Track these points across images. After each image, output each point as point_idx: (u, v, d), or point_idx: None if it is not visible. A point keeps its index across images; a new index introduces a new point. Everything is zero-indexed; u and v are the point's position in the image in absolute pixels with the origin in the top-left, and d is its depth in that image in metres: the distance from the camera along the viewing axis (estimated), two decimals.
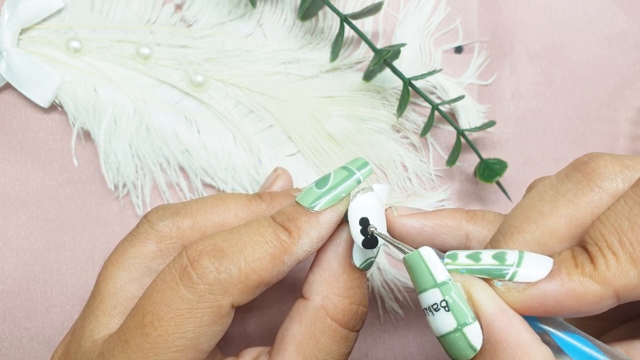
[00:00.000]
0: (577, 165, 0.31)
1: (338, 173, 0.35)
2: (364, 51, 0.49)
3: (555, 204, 0.30)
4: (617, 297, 0.27)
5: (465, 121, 0.49)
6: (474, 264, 0.29)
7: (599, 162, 0.30)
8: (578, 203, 0.30)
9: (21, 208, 0.48)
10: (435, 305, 0.29)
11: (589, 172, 0.30)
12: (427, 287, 0.29)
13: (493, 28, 0.50)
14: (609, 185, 0.29)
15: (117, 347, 0.32)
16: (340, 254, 0.35)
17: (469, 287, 0.28)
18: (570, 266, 0.28)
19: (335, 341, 0.34)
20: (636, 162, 0.30)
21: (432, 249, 0.29)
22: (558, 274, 0.28)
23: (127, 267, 0.36)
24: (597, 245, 0.28)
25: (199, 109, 0.49)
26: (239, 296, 0.32)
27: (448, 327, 0.28)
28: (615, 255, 0.27)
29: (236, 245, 0.33)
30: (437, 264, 0.29)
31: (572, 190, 0.30)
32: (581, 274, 0.27)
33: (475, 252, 0.30)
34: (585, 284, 0.27)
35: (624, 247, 0.27)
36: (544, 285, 0.28)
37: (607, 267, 0.27)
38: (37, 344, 0.48)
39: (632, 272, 0.27)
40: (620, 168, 0.30)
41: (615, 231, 0.28)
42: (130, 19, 0.48)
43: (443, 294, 0.28)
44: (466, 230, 0.35)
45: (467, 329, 0.28)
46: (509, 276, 0.28)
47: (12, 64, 0.46)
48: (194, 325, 0.31)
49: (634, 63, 0.51)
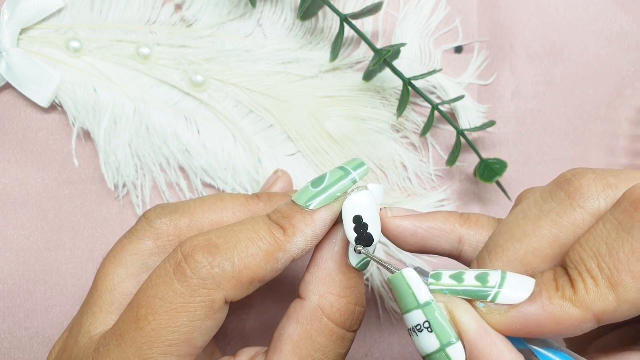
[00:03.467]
0: (561, 183, 0.31)
1: (334, 173, 0.35)
2: (364, 51, 0.49)
3: (539, 223, 0.30)
4: (596, 320, 0.28)
5: (465, 121, 0.49)
6: (457, 285, 0.30)
7: (582, 181, 0.30)
8: (561, 223, 0.30)
9: (21, 208, 0.49)
10: (418, 326, 0.29)
11: (572, 191, 0.30)
12: (411, 308, 0.30)
13: (493, 28, 0.50)
14: (591, 205, 0.30)
15: (112, 342, 0.32)
16: (336, 254, 0.35)
17: (452, 308, 0.29)
18: (552, 289, 0.28)
19: (332, 341, 0.34)
20: (620, 180, 0.30)
21: (414, 270, 0.30)
22: (539, 297, 0.28)
23: (125, 264, 0.36)
24: (577, 269, 0.28)
25: (199, 109, 0.49)
26: (233, 292, 0.32)
27: (432, 347, 0.29)
28: (594, 280, 0.28)
29: (230, 241, 0.33)
30: (419, 286, 0.30)
31: (555, 210, 0.30)
32: (561, 298, 0.28)
33: (458, 272, 0.30)
34: (565, 308, 0.28)
35: (602, 272, 0.27)
36: (526, 308, 0.28)
37: (586, 292, 0.28)
38: (37, 344, 0.49)
39: (611, 297, 0.27)
40: (603, 187, 0.30)
41: (594, 256, 0.28)
42: (130, 19, 0.48)
43: (426, 315, 0.29)
44: (460, 234, 0.35)
45: (450, 350, 0.29)
46: (491, 297, 0.29)
47: (12, 64, 0.46)
48: (187, 320, 0.32)
49: (634, 63, 0.51)
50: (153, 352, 0.32)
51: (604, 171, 0.31)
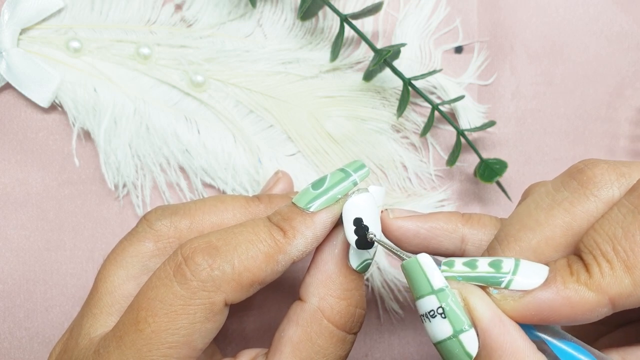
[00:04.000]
0: (573, 173, 0.31)
1: (334, 175, 0.35)
2: (364, 51, 0.49)
3: (552, 212, 0.30)
4: (612, 305, 0.27)
5: (465, 121, 0.49)
6: (471, 272, 0.29)
7: (595, 171, 0.30)
8: (574, 212, 0.30)
9: (21, 208, 0.49)
10: (432, 312, 0.29)
11: (585, 180, 0.30)
12: (424, 293, 0.29)
13: (493, 28, 0.50)
14: (604, 194, 0.29)
15: (111, 344, 0.32)
16: (336, 256, 0.35)
17: (466, 295, 0.29)
18: (566, 274, 0.28)
19: (332, 343, 0.34)
20: (632, 170, 0.30)
21: (429, 256, 0.30)
22: (553, 282, 0.28)
23: (125, 266, 0.36)
24: (592, 253, 0.28)
25: (199, 109, 0.49)
26: (232, 294, 0.32)
27: (444, 333, 0.29)
28: (609, 263, 0.27)
29: (230, 243, 0.33)
30: (434, 271, 0.29)
31: (568, 199, 0.30)
32: (576, 282, 0.28)
33: (471, 259, 0.30)
34: (581, 292, 0.27)
35: (618, 255, 0.27)
36: (540, 293, 0.28)
37: (601, 275, 0.27)
38: (37, 344, 0.49)
39: (627, 280, 0.27)
40: (616, 176, 0.30)
41: (609, 239, 0.28)
42: (130, 19, 0.48)
43: (440, 300, 0.29)
44: (462, 233, 0.35)
45: (463, 336, 0.28)
46: (504, 284, 0.29)
47: (12, 64, 0.46)
48: (187, 322, 0.32)
49: (634, 63, 0.51)
50: (152, 355, 0.32)
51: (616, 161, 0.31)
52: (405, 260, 0.30)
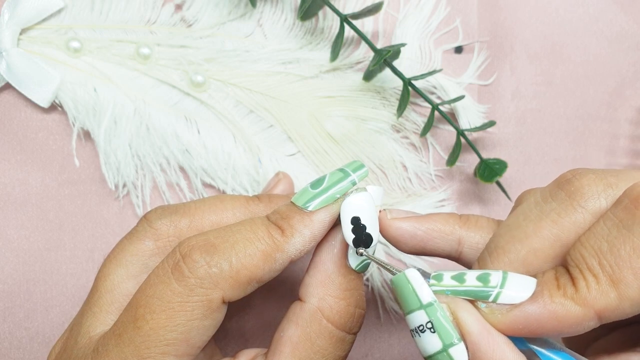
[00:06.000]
0: (561, 183, 0.31)
1: (333, 175, 0.35)
2: (364, 51, 0.49)
3: (540, 224, 0.30)
4: (598, 318, 0.28)
5: (465, 121, 0.49)
6: (459, 285, 0.30)
7: (582, 181, 0.30)
8: (562, 224, 0.30)
9: (21, 208, 0.49)
10: (421, 327, 0.29)
11: (573, 191, 0.30)
12: (413, 308, 0.30)
13: (493, 28, 0.50)
14: (592, 205, 0.30)
15: (110, 342, 0.33)
16: (335, 256, 0.35)
17: (454, 308, 0.29)
18: (553, 288, 0.28)
19: (331, 344, 0.34)
20: (620, 179, 0.30)
21: (417, 271, 0.30)
22: (541, 296, 0.28)
23: (125, 265, 0.36)
24: (579, 267, 0.28)
25: (199, 109, 0.49)
26: (230, 291, 0.32)
27: (434, 348, 0.29)
28: (595, 277, 0.28)
29: (228, 241, 0.33)
30: (422, 286, 0.30)
31: (556, 210, 0.30)
32: (563, 297, 0.28)
33: (460, 272, 0.30)
34: (567, 306, 0.28)
35: (603, 269, 0.27)
36: (527, 307, 0.28)
37: (588, 290, 0.27)
38: (37, 344, 0.49)
39: (612, 294, 0.27)
40: (603, 187, 0.30)
41: (595, 254, 0.28)
42: (130, 19, 0.48)
43: (429, 315, 0.29)
44: (459, 235, 0.35)
45: (452, 350, 0.29)
46: (492, 297, 0.29)
47: (12, 64, 0.46)
48: (185, 319, 0.32)
49: (634, 63, 0.51)
50: (151, 352, 0.32)
51: (604, 171, 0.31)
52: (395, 275, 0.30)
